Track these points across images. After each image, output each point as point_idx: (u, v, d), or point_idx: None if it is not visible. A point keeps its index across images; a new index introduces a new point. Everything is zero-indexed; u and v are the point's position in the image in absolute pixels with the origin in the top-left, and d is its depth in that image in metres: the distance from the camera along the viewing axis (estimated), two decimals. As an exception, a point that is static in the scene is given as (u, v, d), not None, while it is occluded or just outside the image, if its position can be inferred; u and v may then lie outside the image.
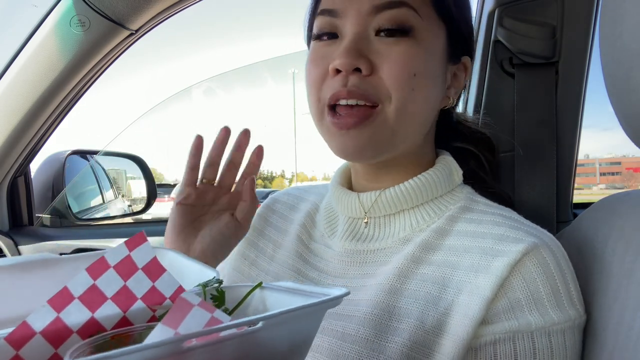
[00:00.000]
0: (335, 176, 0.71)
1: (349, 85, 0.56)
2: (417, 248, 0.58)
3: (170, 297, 0.35)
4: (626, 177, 15.59)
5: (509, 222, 0.57)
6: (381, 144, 0.59)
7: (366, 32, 0.58)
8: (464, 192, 0.64)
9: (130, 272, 0.34)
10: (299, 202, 0.77)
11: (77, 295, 0.32)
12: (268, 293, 0.39)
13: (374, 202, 0.62)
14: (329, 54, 0.59)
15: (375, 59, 0.57)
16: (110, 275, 0.33)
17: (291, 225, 0.73)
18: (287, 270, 0.67)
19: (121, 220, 1.71)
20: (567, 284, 0.53)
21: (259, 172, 0.71)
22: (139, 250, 0.35)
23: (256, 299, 0.40)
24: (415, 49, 0.57)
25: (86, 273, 0.33)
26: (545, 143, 0.92)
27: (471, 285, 0.53)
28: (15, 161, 1.27)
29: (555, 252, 0.54)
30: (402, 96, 0.57)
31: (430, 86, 0.60)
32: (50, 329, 0.30)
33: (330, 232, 0.68)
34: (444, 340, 0.52)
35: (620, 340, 0.49)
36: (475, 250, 0.55)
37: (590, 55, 0.93)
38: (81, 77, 1.14)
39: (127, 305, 0.33)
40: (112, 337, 0.29)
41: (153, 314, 0.34)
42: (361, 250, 0.63)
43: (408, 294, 0.56)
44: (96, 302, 0.32)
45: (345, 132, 0.57)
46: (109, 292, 0.33)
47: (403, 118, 0.58)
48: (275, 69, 14.34)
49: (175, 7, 1.07)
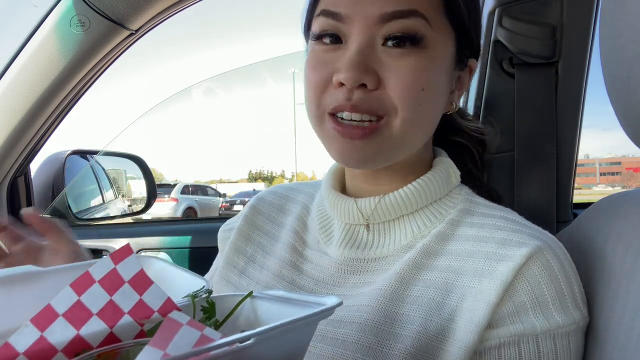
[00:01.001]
0: (327, 178, 0.68)
1: (354, 100, 0.54)
2: (419, 253, 0.57)
3: (159, 310, 0.34)
4: (626, 177, 15.60)
5: (511, 224, 0.56)
6: (386, 154, 0.57)
7: (373, 41, 0.54)
8: (463, 193, 0.63)
9: (116, 286, 0.33)
10: (286, 202, 0.74)
11: (61, 313, 0.31)
12: (259, 302, 0.39)
13: (374, 209, 0.61)
14: (332, 61, 0.56)
15: (382, 72, 0.54)
16: (96, 290, 0.32)
17: (282, 230, 0.70)
18: (280, 280, 0.65)
19: (121, 220, 1.72)
20: (572, 286, 0.53)
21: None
22: (125, 263, 0.34)
23: (247, 309, 0.39)
24: (425, 62, 0.54)
25: (70, 289, 0.32)
26: (545, 143, 0.92)
27: (475, 290, 0.52)
28: (15, 161, 1.27)
29: (559, 255, 0.54)
30: (409, 111, 0.54)
31: (438, 97, 0.58)
32: (35, 349, 0.29)
33: (326, 238, 0.65)
34: (449, 346, 0.51)
35: (620, 340, 0.49)
36: (478, 255, 0.54)
37: (590, 55, 0.93)
38: (81, 77, 1.14)
39: (114, 320, 0.32)
40: (98, 355, 0.29)
41: (141, 328, 0.33)
42: (361, 259, 0.61)
43: (410, 300, 0.55)
44: (81, 319, 0.31)
45: (349, 140, 0.55)
46: (95, 307, 0.32)
47: (409, 130, 0.56)
48: (275, 69, 14.31)
49: (175, 7, 1.07)
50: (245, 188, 19.72)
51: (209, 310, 0.37)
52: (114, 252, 0.34)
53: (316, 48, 0.58)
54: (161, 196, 11.61)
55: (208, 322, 0.36)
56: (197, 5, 1.09)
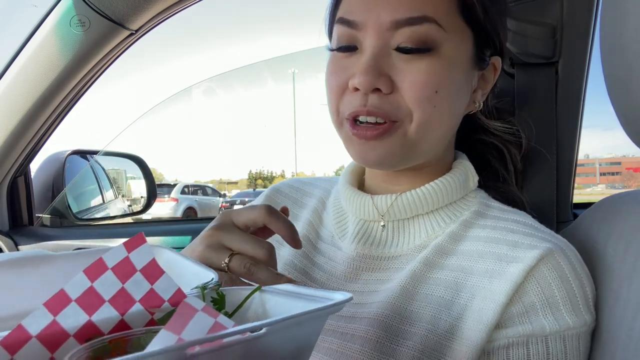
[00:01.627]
0: (345, 175, 0.69)
1: (369, 105, 0.55)
2: (432, 252, 0.58)
3: (169, 300, 0.34)
4: (626, 177, 15.62)
5: (523, 228, 0.56)
6: (401, 156, 0.58)
7: (386, 46, 0.56)
8: (478, 196, 0.63)
9: (128, 274, 0.33)
10: (302, 196, 0.75)
11: (74, 298, 0.31)
12: (268, 296, 0.39)
13: (390, 206, 0.61)
14: (349, 66, 0.57)
15: (396, 76, 0.55)
16: (108, 277, 0.33)
17: (297, 223, 0.71)
18: (292, 271, 0.66)
19: (121, 220, 1.72)
20: (584, 288, 0.53)
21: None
22: (137, 252, 0.34)
23: (256, 302, 0.39)
24: (438, 64, 0.55)
25: (84, 275, 0.32)
26: (545, 143, 0.92)
27: (485, 290, 0.52)
28: (15, 161, 1.27)
29: (570, 257, 0.54)
30: (423, 113, 0.55)
31: (454, 98, 0.58)
32: (47, 333, 0.30)
33: (340, 233, 0.66)
34: (457, 345, 0.51)
35: (621, 340, 0.49)
36: (489, 256, 0.55)
37: (590, 55, 0.93)
38: (81, 77, 1.14)
39: (125, 308, 0.33)
40: (109, 342, 0.29)
41: (151, 317, 0.34)
42: (375, 256, 0.61)
43: (420, 298, 0.55)
44: (94, 305, 0.32)
45: (364, 141, 0.56)
46: (107, 294, 0.32)
47: (424, 133, 0.57)
48: (276, 69, 14.30)
49: (175, 7, 1.07)
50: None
51: (219, 302, 0.37)
52: (127, 240, 0.34)
53: (335, 54, 0.60)
54: (161, 196, 11.61)
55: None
56: (197, 4, 1.09)
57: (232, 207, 12.80)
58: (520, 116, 0.92)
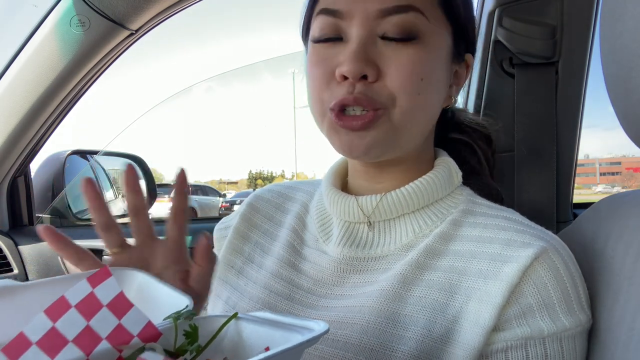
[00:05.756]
0: (328, 177, 0.68)
1: (356, 93, 0.55)
2: (421, 254, 0.57)
3: (139, 335, 0.32)
4: (626, 177, 15.61)
5: (515, 225, 0.56)
6: (386, 144, 0.57)
7: (373, 35, 0.56)
8: (464, 194, 0.63)
9: (93, 310, 0.31)
10: (285, 201, 0.73)
11: (34, 341, 0.29)
12: (244, 324, 0.38)
13: (375, 207, 0.60)
14: (333, 56, 0.57)
15: (382, 63, 0.55)
16: (72, 315, 0.31)
17: (280, 229, 0.70)
18: (278, 280, 0.64)
19: (121, 220, 1.71)
20: (577, 288, 0.53)
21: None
22: (103, 286, 0.32)
23: (232, 331, 0.38)
24: (423, 53, 0.56)
25: (44, 315, 0.30)
26: (545, 143, 0.92)
27: (480, 292, 0.52)
28: (15, 161, 1.27)
29: (564, 256, 0.53)
30: (408, 101, 0.56)
31: (436, 89, 0.59)
32: None
33: (324, 236, 0.64)
34: (453, 348, 0.51)
35: (621, 341, 0.49)
36: (482, 256, 0.54)
37: (590, 55, 0.93)
38: (81, 77, 1.14)
39: (90, 347, 0.31)
40: None
41: (119, 354, 0.32)
42: (361, 258, 0.60)
43: (413, 301, 0.54)
44: (56, 347, 0.29)
45: (349, 131, 0.56)
46: (70, 334, 0.30)
47: (408, 121, 0.57)
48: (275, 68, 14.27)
49: (175, 7, 1.07)
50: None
51: (192, 335, 0.35)
52: (91, 275, 0.32)
53: (317, 46, 0.59)
54: (161, 196, 11.59)
55: (190, 347, 0.35)
56: (197, 4, 1.10)
57: (232, 207, 12.79)
58: (520, 116, 0.92)
